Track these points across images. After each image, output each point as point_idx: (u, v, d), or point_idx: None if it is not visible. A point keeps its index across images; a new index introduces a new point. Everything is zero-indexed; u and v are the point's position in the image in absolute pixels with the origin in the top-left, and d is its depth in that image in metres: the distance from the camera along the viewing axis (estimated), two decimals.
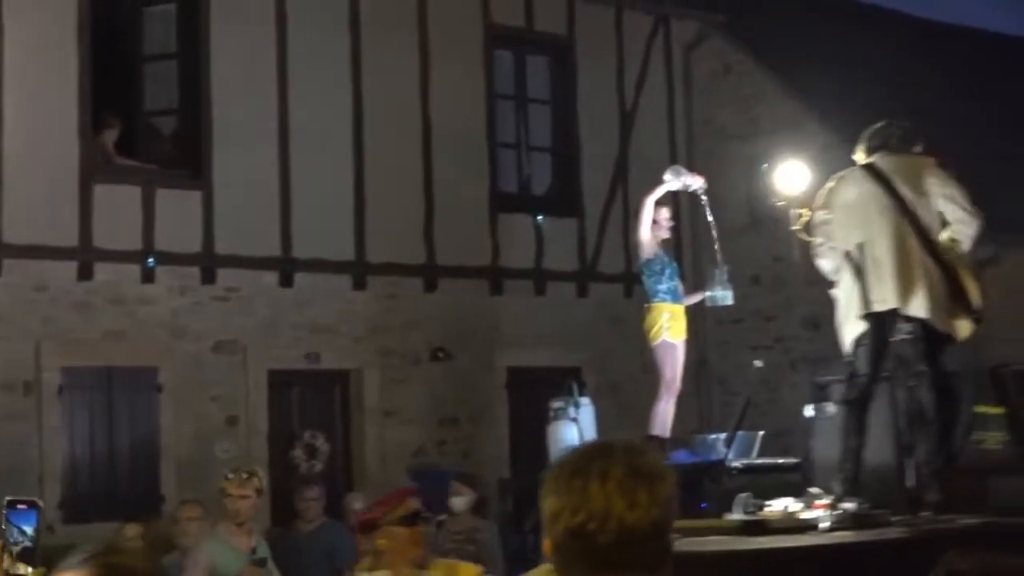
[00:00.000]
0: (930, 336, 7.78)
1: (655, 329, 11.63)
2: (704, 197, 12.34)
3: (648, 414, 12.16)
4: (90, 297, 15.56)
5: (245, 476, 9.03)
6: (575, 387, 13.60)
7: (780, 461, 11.76)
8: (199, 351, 16.13)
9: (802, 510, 7.74)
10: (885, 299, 7.82)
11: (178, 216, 15.99)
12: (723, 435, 11.75)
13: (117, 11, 16.66)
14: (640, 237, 11.72)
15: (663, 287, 11.63)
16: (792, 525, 7.58)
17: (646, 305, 11.76)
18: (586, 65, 19.47)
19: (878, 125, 8.49)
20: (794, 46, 20.28)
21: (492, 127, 18.61)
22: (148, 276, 15.85)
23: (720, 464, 11.01)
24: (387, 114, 17.41)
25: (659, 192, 12.07)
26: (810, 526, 7.43)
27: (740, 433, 11.54)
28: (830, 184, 8.41)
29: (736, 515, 7.98)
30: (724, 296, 12.13)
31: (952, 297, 7.83)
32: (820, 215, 8.36)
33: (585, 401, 13.17)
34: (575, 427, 12.54)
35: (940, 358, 7.85)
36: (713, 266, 12.70)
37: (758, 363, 11.90)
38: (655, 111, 20.07)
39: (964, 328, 7.93)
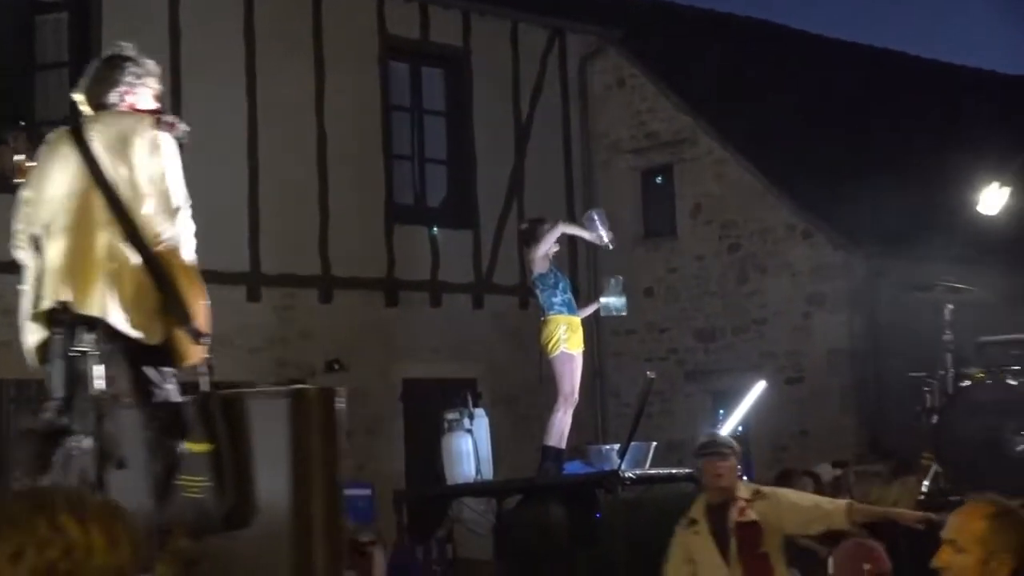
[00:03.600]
0: (129, 348, 5.92)
1: (553, 341, 11.58)
2: (611, 246, 12.11)
3: (543, 425, 12.19)
4: None
5: None
6: (470, 398, 13.59)
7: (674, 471, 11.83)
8: None
9: None
10: (57, 292, 6.07)
11: None
12: (617, 446, 11.78)
13: (7, 19, 16.44)
14: (535, 255, 11.66)
15: (558, 299, 11.61)
16: None
17: (542, 318, 11.73)
18: (482, 77, 19.51)
19: (102, 64, 6.66)
20: (688, 60, 20.48)
21: (388, 139, 18.59)
22: None
23: (614, 475, 11.04)
24: (282, 125, 17.33)
25: (574, 231, 12.13)
26: None
27: (633, 444, 11.58)
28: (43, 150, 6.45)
29: None
30: (618, 305, 12.13)
31: (166, 304, 5.93)
32: (25, 192, 6.52)
33: (480, 412, 13.17)
34: (469, 438, 12.52)
35: (142, 378, 5.93)
36: (608, 276, 12.77)
37: (651, 374, 11.90)
38: (550, 124, 20.16)
39: (185, 344, 5.96)
